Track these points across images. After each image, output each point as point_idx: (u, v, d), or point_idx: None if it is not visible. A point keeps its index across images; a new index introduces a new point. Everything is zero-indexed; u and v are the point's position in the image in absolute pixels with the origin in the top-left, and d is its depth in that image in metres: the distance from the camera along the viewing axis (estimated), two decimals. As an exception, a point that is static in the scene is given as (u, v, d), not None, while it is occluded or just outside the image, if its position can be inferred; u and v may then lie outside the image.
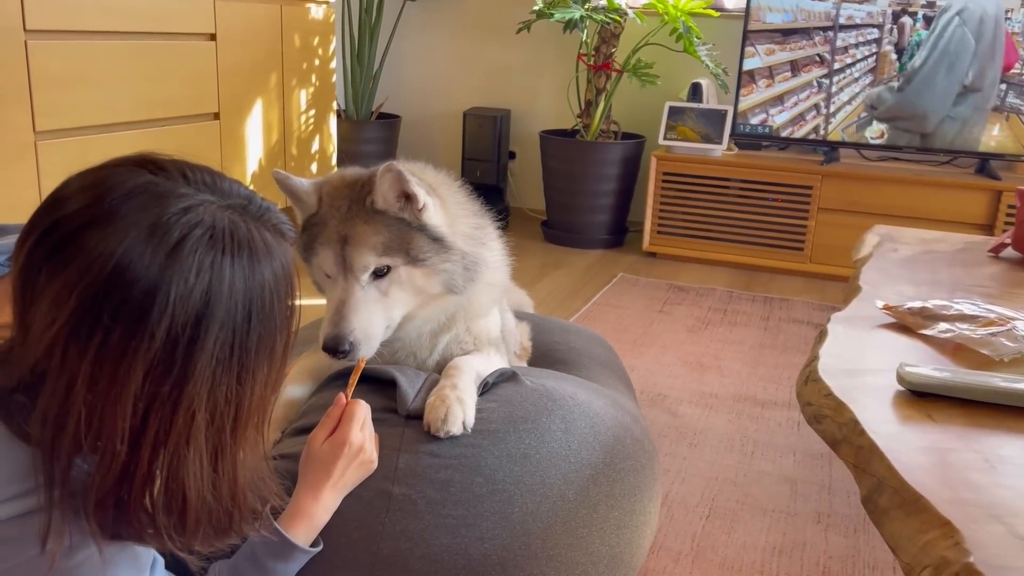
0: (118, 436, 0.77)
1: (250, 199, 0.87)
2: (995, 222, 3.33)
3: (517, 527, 1.20)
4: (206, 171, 0.86)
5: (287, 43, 3.37)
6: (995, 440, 1.09)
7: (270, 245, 0.85)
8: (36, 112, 2.32)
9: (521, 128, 4.36)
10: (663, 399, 2.35)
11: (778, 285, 3.49)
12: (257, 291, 0.82)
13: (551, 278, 3.44)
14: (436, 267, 1.33)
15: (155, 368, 0.77)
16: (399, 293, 1.31)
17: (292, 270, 0.88)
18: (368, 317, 1.27)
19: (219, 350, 0.80)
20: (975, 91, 3.38)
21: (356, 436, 1.16)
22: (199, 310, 0.78)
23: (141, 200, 0.79)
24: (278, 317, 0.85)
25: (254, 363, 0.83)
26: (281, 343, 0.87)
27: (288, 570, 1.09)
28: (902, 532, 0.94)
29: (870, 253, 2.04)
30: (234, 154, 3.14)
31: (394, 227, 1.30)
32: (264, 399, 0.87)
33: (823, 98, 3.58)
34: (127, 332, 0.76)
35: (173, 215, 0.79)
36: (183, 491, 0.82)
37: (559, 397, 1.37)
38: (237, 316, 0.81)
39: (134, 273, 0.76)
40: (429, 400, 1.27)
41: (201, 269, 0.78)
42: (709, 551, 1.68)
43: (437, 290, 1.34)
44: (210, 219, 0.81)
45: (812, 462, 2.05)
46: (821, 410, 1.22)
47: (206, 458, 0.83)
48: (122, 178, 0.81)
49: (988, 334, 1.38)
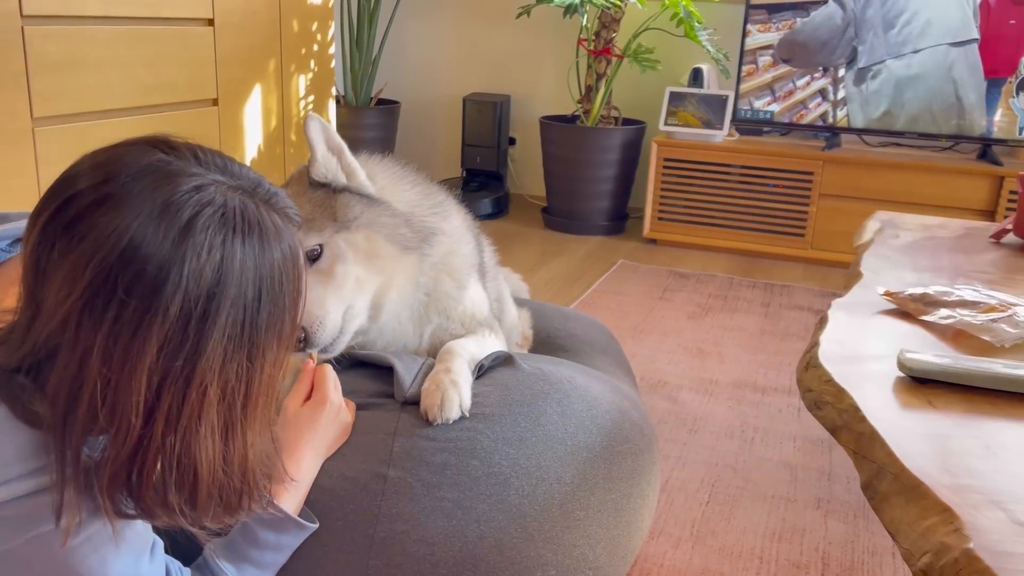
0: (132, 410, 0.79)
1: (259, 182, 0.88)
2: (996, 208, 3.32)
3: (513, 510, 1.20)
4: (217, 154, 0.88)
5: (286, 28, 3.35)
6: (995, 426, 1.09)
7: (279, 227, 0.86)
8: (33, 98, 2.31)
9: (521, 114, 4.35)
10: (663, 385, 2.35)
11: (779, 271, 3.48)
12: (267, 270, 0.84)
13: (551, 265, 3.44)
14: (373, 223, 1.27)
15: (169, 343, 0.79)
16: (344, 268, 1.25)
17: (299, 253, 0.89)
18: (320, 299, 1.22)
19: (231, 327, 0.81)
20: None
21: (334, 395, 1.18)
22: (211, 287, 0.80)
23: (153, 178, 0.80)
24: (287, 297, 0.87)
25: (264, 341, 0.85)
26: (289, 323, 0.88)
27: (280, 541, 1.09)
28: (902, 518, 0.93)
29: (871, 239, 2.03)
30: (233, 140, 3.13)
31: (315, 199, 1.26)
32: (273, 377, 0.88)
33: (827, 83, 3.56)
34: (141, 306, 0.77)
35: (184, 193, 0.80)
36: (194, 467, 0.83)
37: (556, 381, 1.36)
38: (248, 294, 0.82)
39: (148, 248, 0.77)
40: (424, 386, 1.27)
41: (213, 247, 0.80)
42: (709, 536, 1.68)
43: (389, 251, 1.28)
44: (221, 199, 0.82)
45: (812, 448, 2.05)
46: (821, 396, 1.22)
47: (217, 434, 0.84)
48: (135, 157, 0.82)
49: (989, 320, 1.38)
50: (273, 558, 1.09)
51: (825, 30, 3.45)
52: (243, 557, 1.06)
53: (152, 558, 0.91)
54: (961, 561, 0.82)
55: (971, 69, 3.35)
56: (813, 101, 3.59)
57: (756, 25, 3.57)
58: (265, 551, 1.08)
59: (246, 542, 1.07)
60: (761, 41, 3.59)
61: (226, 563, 1.05)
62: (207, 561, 1.05)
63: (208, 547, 1.06)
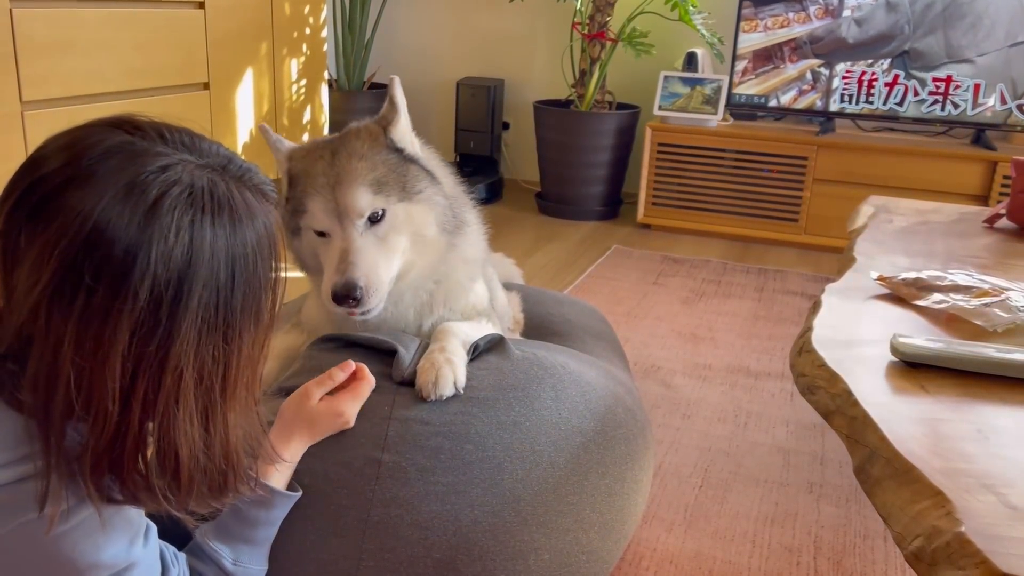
0: (108, 397, 0.78)
1: (230, 159, 0.86)
2: (990, 193, 3.32)
3: (507, 494, 1.20)
4: (184, 132, 0.85)
5: (277, 11, 3.32)
6: (988, 410, 1.09)
7: (251, 205, 0.84)
8: (22, 82, 2.29)
9: (515, 98, 4.33)
10: (657, 370, 2.35)
11: (772, 256, 3.48)
12: (240, 250, 0.82)
13: (545, 250, 3.43)
14: (431, 199, 1.29)
15: (140, 328, 0.78)
16: (396, 238, 1.28)
17: (275, 231, 0.88)
18: (374, 262, 1.25)
19: (203, 309, 0.80)
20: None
21: (352, 414, 1.18)
22: (181, 269, 0.78)
23: (118, 159, 0.79)
24: (262, 277, 0.85)
25: (240, 322, 0.83)
26: (267, 303, 0.87)
27: (269, 517, 1.09)
28: (894, 502, 0.94)
29: (865, 224, 2.03)
30: (225, 124, 3.11)
31: (390, 162, 1.28)
32: (252, 359, 0.87)
33: (821, 68, 3.55)
34: (110, 292, 0.76)
35: (150, 173, 0.78)
36: (175, 451, 0.83)
37: (549, 366, 1.36)
38: (220, 275, 0.81)
39: (113, 232, 0.76)
40: (419, 365, 1.27)
41: (180, 228, 0.78)
42: (702, 521, 1.68)
43: (431, 230, 1.31)
44: (188, 178, 0.80)
45: (805, 433, 2.05)
46: (814, 381, 1.22)
47: (196, 417, 0.83)
48: (99, 137, 0.80)
49: (982, 305, 1.38)
50: (264, 533, 1.10)
51: (875, 28, 3.41)
52: (236, 537, 1.07)
53: (146, 542, 0.91)
54: (953, 544, 0.82)
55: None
56: (807, 85, 3.58)
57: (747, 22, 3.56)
58: (257, 528, 1.08)
59: (237, 522, 1.07)
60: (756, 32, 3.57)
61: (220, 544, 1.05)
62: (200, 545, 1.05)
63: (199, 531, 1.05)
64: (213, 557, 1.04)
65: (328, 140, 1.34)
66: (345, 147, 1.29)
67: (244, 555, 1.07)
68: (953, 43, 3.35)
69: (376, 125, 1.35)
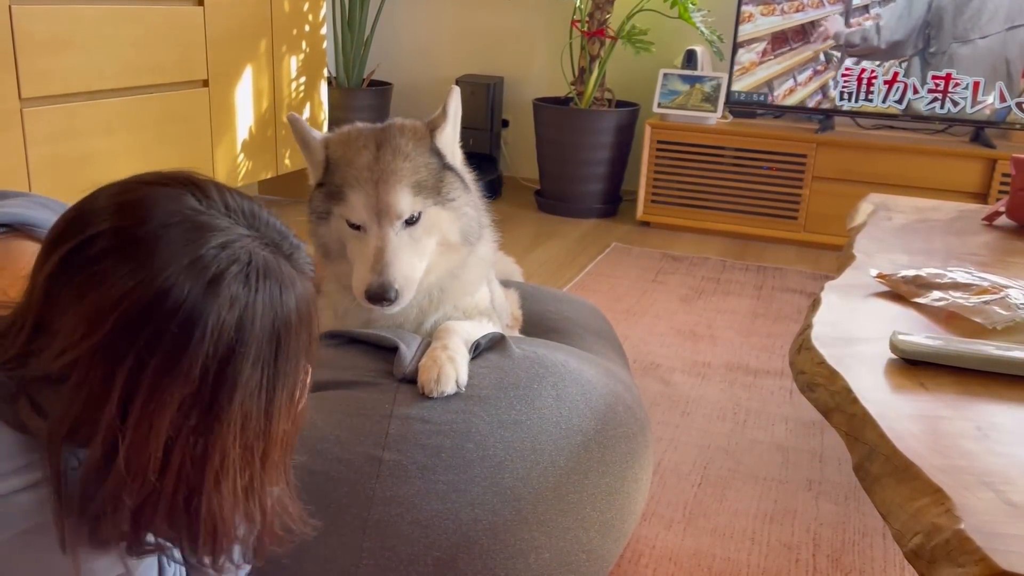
0: (149, 466, 0.78)
1: (284, 236, 0.86)
2: (989, 191, 3.32)
3: (508, 493, 1.20)
4: (247, 201, 0.85)
5: (276, 8, 3.32)
6: (987, 408, 1.09)
7: (295, 284, 0.84)
8: (21, 78, 2.29)
9: (514, 96, 4.32)
10: (656, 368, 2.35)
11: (772, 254, 3.49)
12: (283, 328, 0.82)
13: (544, 247, 3.43)
14: (461, 209, 1.32)
15: (187, 402, 0.77)
16: (427, 240, 1.30)
17: (312, 310, 0.87)
18: (409, 263, 1.27)
19: (250, 386, 0.80)
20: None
21: None
22: (231, 346, 0.78)
23: (181, 230, 0.78)
24: (301, 354, 0.85)
25: (281, 398, 0.83)
26: (303, 381, 0.87)
27: None
28: (893, 499, 0.94)
29: (864, 222, 2.03)
30: (224, 122, 3.10)
31: (431, 166, 1.30)
32: (288, 433, 0.87)
33: (821, 66, 3.55)
34: (163, 364, 0.76)
35: (212, 249, 0.78)
36: (216, 519, 0.82)
37: (550, 364, 1.36)
38: (264, 352, 0.81)
39: (174, 301, 0.75)
40: (422, 362, 1.27)
41: (235, 304, 0.78)
42: (701, 518, 1.69)
43: (456, 238, 1.34)
44: (247, 256, 0.80)
45: (804, 430, 2.05)
46: (814, 378, 1.22)
47: (240, 492, 0.83)
48: (166, 202, 0.79)
49: (981, 302, 1.38)
50: None
51: (906, 22, 3.40)
52: None
53: None
54: (952, 542, 0.82)
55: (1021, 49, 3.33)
56: (806, 82, 3.58)
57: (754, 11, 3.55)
58: None
59: None
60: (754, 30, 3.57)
61: None
62: None
63: None
64: None
65: (371, 130, 1.34)
66: (390, 143, 1.30)
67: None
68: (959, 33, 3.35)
69: (424, 126, 1.36)
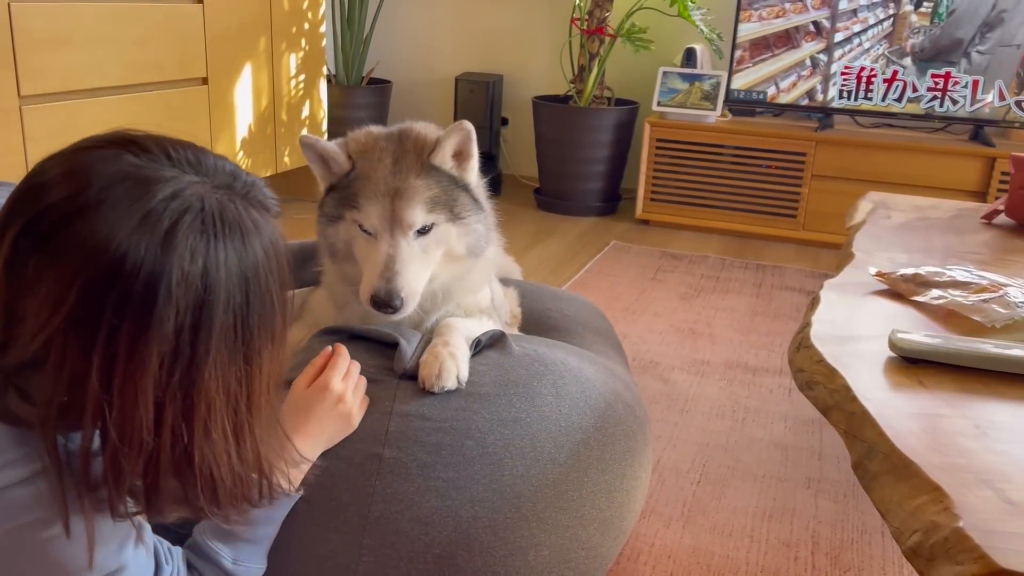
0: (143, 427, 0.78)
1: (235, 176, 0.85)
2: (988, 189, 3.32)
3: (507, 490, 1.20)
4: (189, 148, 0.84)
5: (276, 6, 3.31)
6: (986, 406, 1.09)
7: (258, 223, 0.84)
8: (20, 76, 2.29)
9: (514, 94, 4.32)
10: (655, 366, 2.36)
11: (771, 252, 3.49)
12: (251, 270, 0.82)
13: (544, 246, 3.43)
14: (471, 225, 1.36)
15: (167, 358, 0.77)
16: (435, 252, 1.33)
17: (280, 245, 0.87)
18: (417, 272, 1.30)
19: (224, 332, 0.80)
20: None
21: (336, 383, 1.16)
22: (200, 295, 0.78)
23: (127, 186, 0.77)
24: (274, 294, 0.85)
25: (259, 341, 0.84)
26: (280, 319, 0.87)
27: (270, 516, 1.09)
28: (892, 497, 0.94)
29: (863, 220, 2.03)
30: (223, 120, 3.10)
31: (444, 183, 1.33)
32: (272, 375, 0.88)
33: (820, 64, 3.55)
34: (134, 327, 0.76)
35: (161, 201, 0.78)
36: (211, 470, 0.83)
37: (550, 362, 1.37)
38: (236, 297, 0.81)
39: (132, 265, 0.75)
40: (423, 358, 1.27)
41: (196, 254, 0.78)
42: (700, 516, 1.69)
43: (462, 251, 1.37)
44: (198, 202, 0.80)
45: (803, 428, 2.06)
46: (813, 376, 1.22)
47: (230, 436, 0.84)
48: (106, 163, 0.79)
49: (980, 300, 1.38)
50: (265, 532, 1.09)
51: (969, 21, 3.40)
52: (235, 535, 1.06)
53: (137, 543, 0.91)
54: (951, 540, 0.82)
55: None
56: (805, 80, 3.58)
57: (753, 10, 3.55)
58: (256, 526, 1.07)
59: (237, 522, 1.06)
60: (755, 28, 3.57)
61: (219, 543, 1.04)
62: (199, 544, 1.04)
63: (197, 529, 1.05)
64: (212, 557, 1.04)
65: (388, 136, 1.36)
66: (407, 156, 1.32)
67: (244, 554, 1.06)
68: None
69: (458, 132, 1.36)
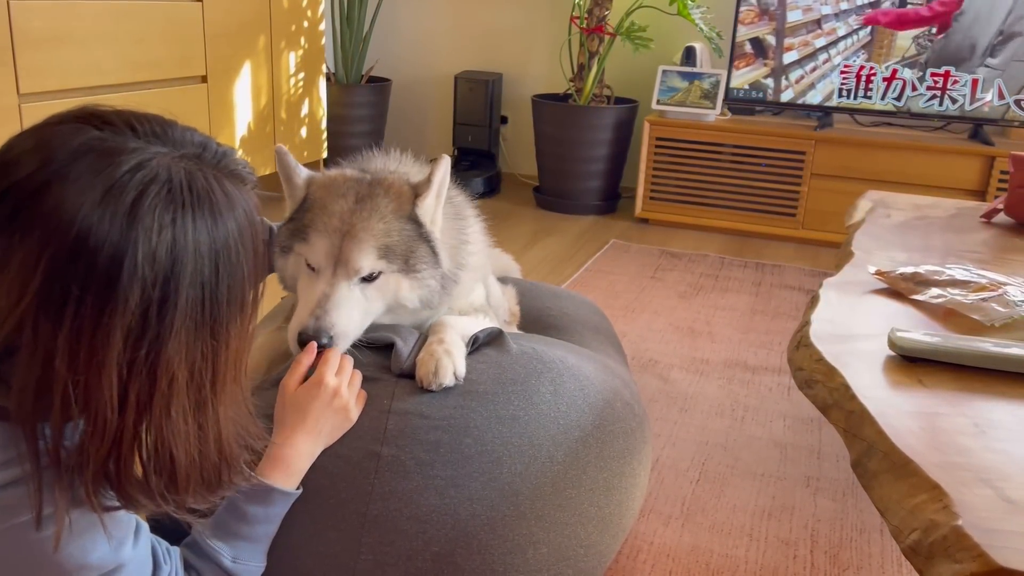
0: (106, 405, 0.77)
1: (204, 146, 0.84)
2: (987, 188, 3.32)
3: (505, 488, 1.20)
4: (155, 120, 0.83)
5: (275, 4, 3.31)
6: (985, 404, 1.09)
7: (230, 194, 0.82)
8: (19, 74, 2.29)
9: (513, 92, 4.32)
10: (654, 364, 2.36)
11: (770, 251, 3.49)
12: (222, 243, 0.81)
13: (543, 244, 3.43)
14: (424, 281, 1.29)
15: (132, 334, 0.77)
16: (379, 299, 1.27)
17: (255, 217, 0.86)
18: (349, 316, 1.24)
19: (191, 307, 0.79)
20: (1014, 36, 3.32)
21: (330, 378, 1.15)
22: (167, 269, 0.77)
23: (90, 159, 0.76)
24: (245, 267, 0.84)
25: (226, 316, 0.83)
26: (250, 294, 0.86)
27: (268, 514, 1.09)
28: (891, 495, 0.94)
29: (863, 219, 2.03)
30: (223, 118, 3.10)
31: (404, 232, 1.27)
32: (239, 351, 0.87)
33: (820, 62, 3.55)
34: (98, 301, 0.75)
35: (125, 173, 0.76)
36: (170, 450, 0.82)
37: (548, 360, 1.37)
38: (205, 271, 0.80)
39: (96, 240, 0.74)
40: (419, 356, 1.27)
41: (163, 227, 0.77)
42: (699, 514, 1.69)
43: (415, 304, 1.31)
44: (165, 173, 0.78)
45: (802, 427, 2.06)
46: (812, 375, 1.23)
47: (190, 415, 0.83)
48: (67, 137, 0.78)
49: (979, 299, 1.38)
50: (264, 530, 1.09)
51: (986, 24, 3.39)
52: (234, 534, 1.06)
53: (136, 542, 0.90)
54: (950, 538, 0.82)
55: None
56: (804, 79, 3.58)
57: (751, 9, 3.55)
58: (255, 525, 1.07)
59: (234, 519, 1.06)
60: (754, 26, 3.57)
61: (218, 542, 1.04)
62: (198, 543, 1.04)
63: (196, 527, 1.05)
64: (212, 555, 1.03)
65: (356, 179, 1.30)
66: (371, 199, 1.27)
67: (243, 552, 1.06)
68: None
69: (410, 189, 1.31)
